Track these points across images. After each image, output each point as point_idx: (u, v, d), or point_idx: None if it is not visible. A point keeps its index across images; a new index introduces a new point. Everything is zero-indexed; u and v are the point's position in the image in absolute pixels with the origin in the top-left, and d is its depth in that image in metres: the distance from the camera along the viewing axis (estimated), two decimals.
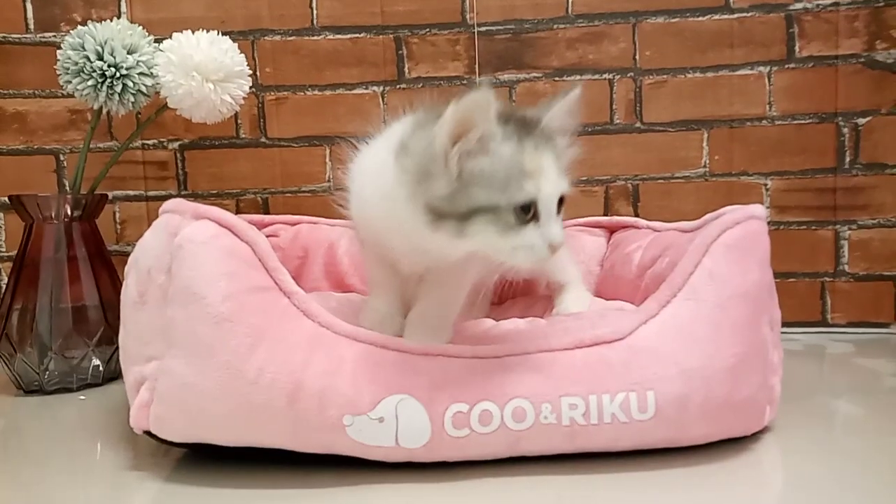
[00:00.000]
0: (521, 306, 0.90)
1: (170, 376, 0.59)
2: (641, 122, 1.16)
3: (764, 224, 0.68)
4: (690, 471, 0.59)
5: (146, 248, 0.63)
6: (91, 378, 0.94)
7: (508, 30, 1.16)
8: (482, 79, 1.15)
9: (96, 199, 0.98)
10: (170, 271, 0.60)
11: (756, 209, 0.68)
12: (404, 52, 1.16)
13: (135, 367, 0.62)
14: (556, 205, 0.58)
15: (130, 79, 0.92)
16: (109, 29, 0.93)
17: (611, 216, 1.10)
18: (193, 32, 0.94)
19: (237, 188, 1.19)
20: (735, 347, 0.62)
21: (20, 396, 0.92)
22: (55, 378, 0.92)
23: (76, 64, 0.92)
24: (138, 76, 0.93)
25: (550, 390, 0.59)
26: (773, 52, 1.13)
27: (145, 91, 0.94)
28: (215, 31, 0.95)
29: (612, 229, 1.02)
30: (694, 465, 0.60)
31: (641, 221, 0.96)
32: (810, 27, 1.12)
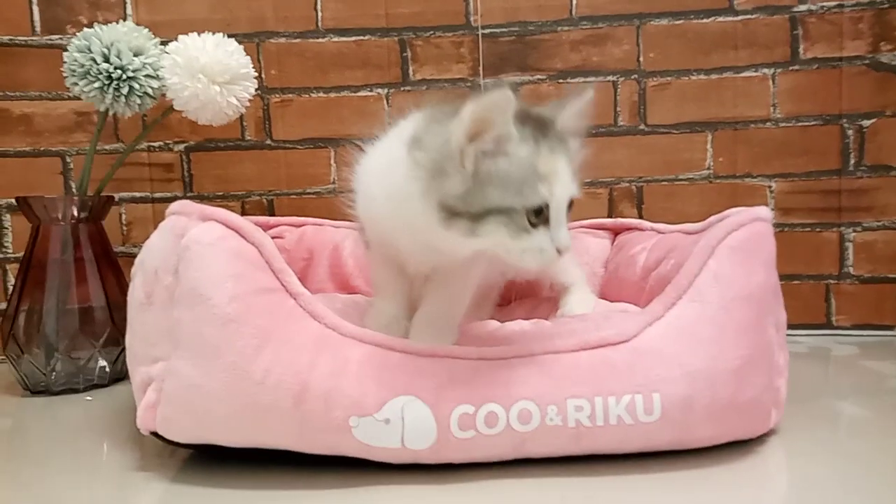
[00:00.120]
0: (525, 308, 0.90)
1: (176, 377, 0.59)
2: (645, 123, 1.16)
3: (769, 226, 0.68)
4: (696, 473, 0.59)
5: (153, 250, 0.64)
6: (97, 379, 0.95)
7: (512, 32, 1.16)
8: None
9: (102, 201, 0.98)
10: (176, 272, 0.60)
11: (761, 211, 0.68)
12: (408, 54, 1.17)
13: (141, 367, 0.63)
14: (566, 208, 0.58)
15: (136, 81, 0.93)
16: (115, 31, 0.93)
17: (615, 218, 1.10)
18: (199, 35, 0.94)
19: (242, 190, 1.19)
20: (740, 349, 0.62)
21: (27, 397, 0.93)
22: (62, 379, 0.93)
23: (82, 66, 0.92)
24: (144, 78, 0.93)
25: (556, 392, 0.59)
26: (777, 54, 1.13)
27: (151, 93, 0.95)
28: (221, 33, 0.96)
29: (616, 231, 1.02)
30: (699, 468, 0.60)
31: (645, 223, 0.96)
32: (814, 29, 1.12)
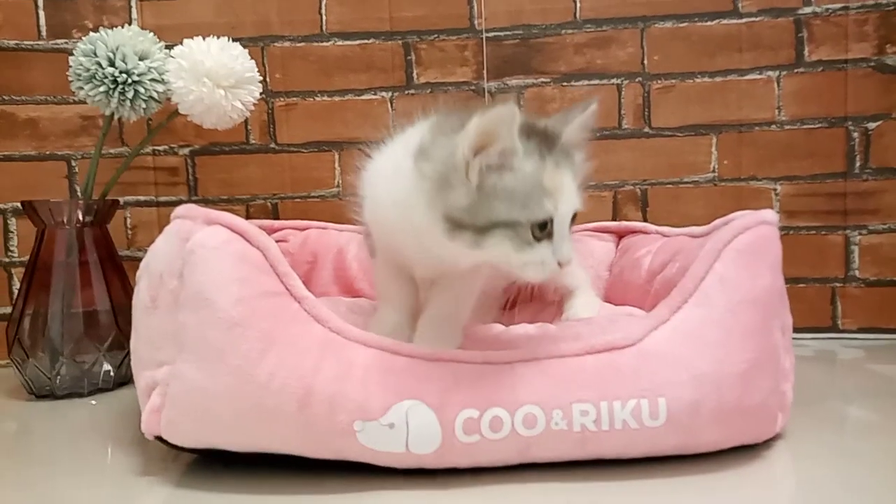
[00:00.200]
0: (530, 311, 0.90)
1: (181, 381, 0.59)
2: (650, 126, 1.16)
3: (775, 229, 0.67)
4: (702, 478, 0.59)
5: (158, 253, 0.64)
6: (102, 383, 0.95)
7: (516, 35, 1.16)
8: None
9: (107, 205, 0.98)
10: (181, 276, 0.60)
11: (767, 214, 0.67)
12: (413, 57, 1.17)
13: (146, 371, 0.62)
14: (570, 221, 0.59)
15: (142, 85, 0.93)
16: (121, 35, 0.93)
17: (619, 221, 1.10)
18: (204, 39, 0.94)
19: (247, 194, 1.19)
20: (746, 353, 0.62)
21: (31, 401, 0.93)
22: (66, 383, 0.93)
23: (88, 70, 0.92)
24: (149, 82, 0.94)
25: (561, 396, 0.58)
26: (781, 57, 1.13)
27: (156, 97, 0.95)
28: (226, 37, 0.96)
29: (620, 234, 1.02)
30: (705, 472, 0.60)
31: (650, 226, 0.96)
32: (819, 31, 1.12)
